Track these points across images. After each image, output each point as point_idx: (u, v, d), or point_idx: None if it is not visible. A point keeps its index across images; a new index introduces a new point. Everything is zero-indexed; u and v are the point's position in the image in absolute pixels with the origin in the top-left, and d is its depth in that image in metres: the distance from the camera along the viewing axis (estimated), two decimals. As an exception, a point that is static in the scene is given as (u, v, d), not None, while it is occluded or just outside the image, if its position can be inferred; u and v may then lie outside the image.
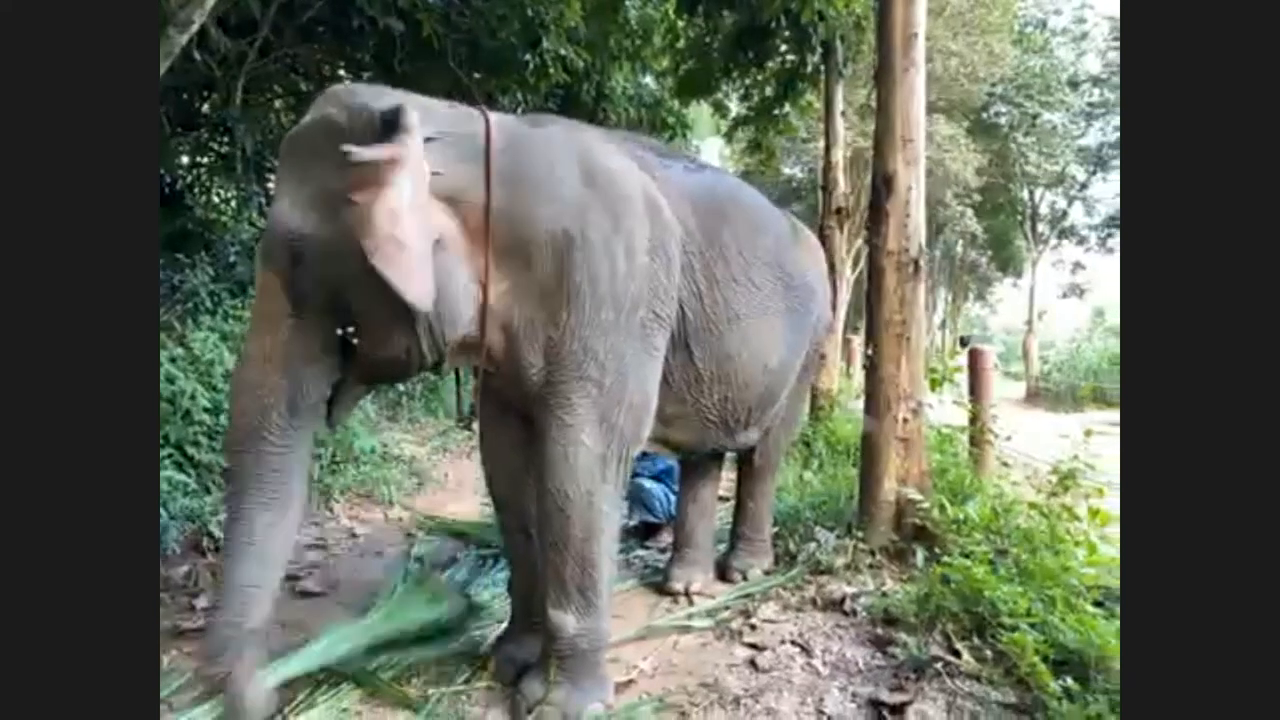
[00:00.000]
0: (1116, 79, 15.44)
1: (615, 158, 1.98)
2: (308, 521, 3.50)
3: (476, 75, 5.89)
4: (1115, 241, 18.18)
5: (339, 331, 1.65)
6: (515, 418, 1.99)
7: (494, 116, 1.80)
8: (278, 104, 6.34)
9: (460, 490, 4.43)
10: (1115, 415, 9.17)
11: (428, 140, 1.61)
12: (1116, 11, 15.39)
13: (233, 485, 1.65)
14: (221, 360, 3.43)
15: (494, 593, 2.60)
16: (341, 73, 6.12)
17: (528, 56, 5.37)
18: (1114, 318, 18.94)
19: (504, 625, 2.23)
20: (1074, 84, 15.62)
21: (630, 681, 2.07)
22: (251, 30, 4.70)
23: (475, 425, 2.09)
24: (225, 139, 5.31)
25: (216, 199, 5.50)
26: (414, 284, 1.52)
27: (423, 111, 1.63)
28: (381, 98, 1.64)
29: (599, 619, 1.86)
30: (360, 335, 1.65)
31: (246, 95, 5.12)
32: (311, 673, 1.94)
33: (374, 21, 4.81)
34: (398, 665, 2.05)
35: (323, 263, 1.58)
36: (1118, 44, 15.42)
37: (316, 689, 1.91)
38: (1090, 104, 16.07)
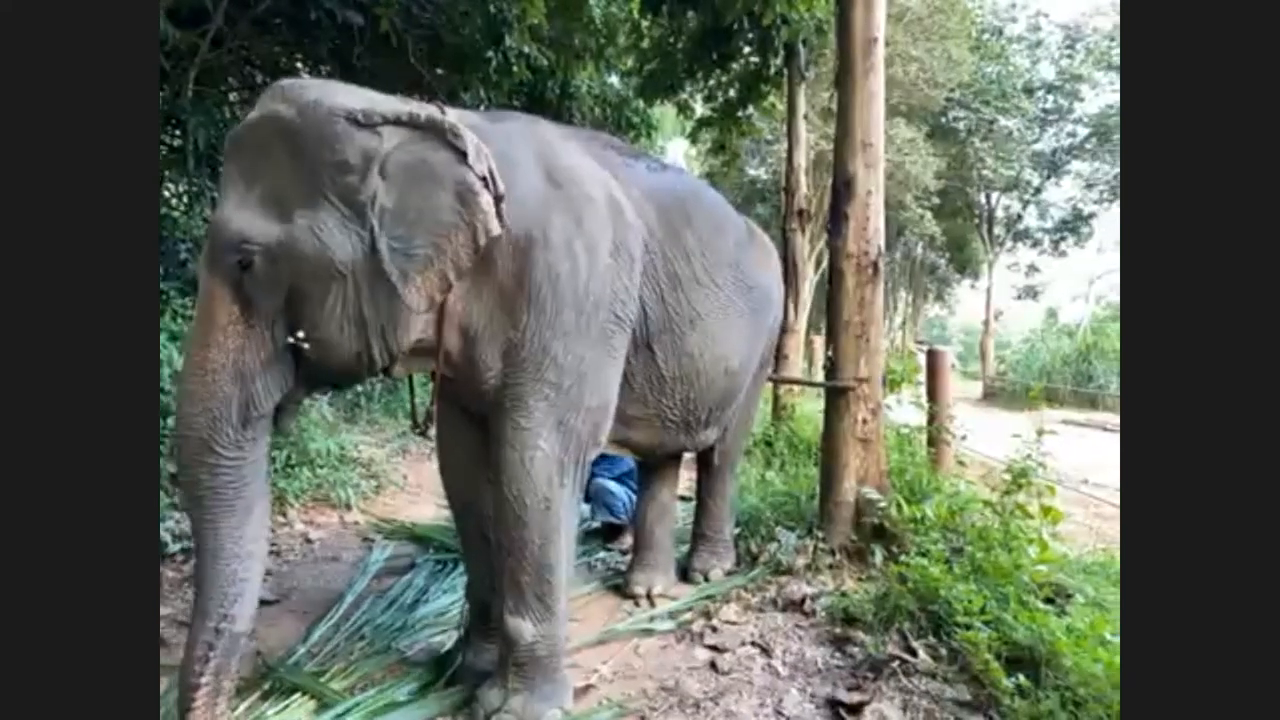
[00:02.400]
0: (1069, 86, 15.90)
1: (577, 156, 1.96)
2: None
3: (439, 71, 5.79)
4: (1067, 244, 18.75)
5: (290, 339, 1.57)
6: (472, 421, 1.96)
7: (451, 112, 1.75)
8: (232, 97, 6.16)
9: (420, 493, 4.35)
10: (1067, 414, 9.44)
11: None
12: (1069, 20, 15.85)
13: (189, 498, 1.58)
14: (170, 361, 3.30)
15: (452, 598, 2.56)
16: (299, 66, 5.96)
17: (490, 53, 5.30)
18: (1066, 318, 19.51)
19: (461, 631, 2.19)
20: (1029, 90, 16.02)
21: (589, 686, 2.05)
22: (203, 21, 4.56)
23: (432, 430, 2.04)
24: (176, 132, 5.14)
25: (167, 193, 5.32)
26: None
27: (374, 106, 1.59)
28: (333, 93, 1.57)
29: (556, 625, 1.84)
30: (309, 341, 1.58)
31: (198, 88, 4.93)
32: (260, 683, 1.90)
33: (332, 14, 4.70)
34: (351, 674, 2.01)
35: (274, 266, 1.51)
36: (1070, 52, 15.88)
37: (265, 700, 1.86)
38: (1044, 110, 16.52)
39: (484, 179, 1.57)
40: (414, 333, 1.68)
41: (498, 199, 1.59)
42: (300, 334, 1.55)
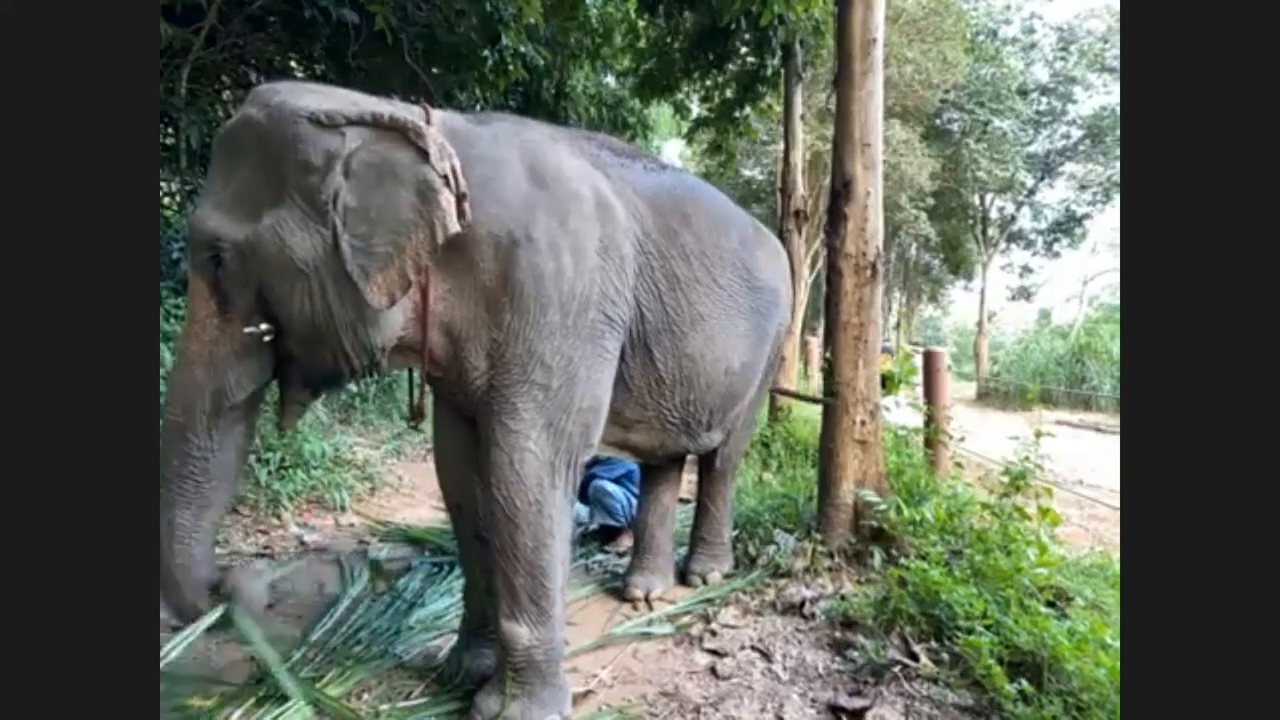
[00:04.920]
0: (1063, 88, 15.96)
1: (565, 156, 1.95)
2: (254, 529, 3.38)
3: (434, 71, 5.76)
4: (1061, 246, 18.82)
5: (252, 330, 1.62)
6: (466, 421, 1.94)
7: (436, 113, 1.75)
8: (225, 95, 6.11)
9: (415, 495, 4.33)
10: (1061, 415, 9.46)
11: None
12: (1063, 22, 15.90)
13: (161, 482, 1.63)
14: (163, 361, 3.28)
15: (449, 601, 2.54)
16: (293, 64, 5.93)
17: (486, 52, 5.28)
18: (1059, 319, 19.59)
19: (459, 635, 2.17)
20: (1023, 92, 16.07)
21: (589, 692, 2.03)
22: (197, 18, 4.52)
23: (425, 425, 2.05)
24: (169, 130, 5.10)
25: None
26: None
27: (338, 107, 1.59)
28: (299, 95, 1.60)
29: (553, 629, 1.82)
30: (287, 338, 1.63)
31: (192, 86, 4.90)
32: (254, 688, 1.87)
33: (327, 12, 4.67)
34: (347, 680, 1.98)
35: (243, 264, 1.57)
36: (1064, 54, 15.94)
37: (260, 705, 1.83)
38: (1038, 112, 16.58)
39: (445, 177, 1.58)
40: (392, 331, 1.70)
41: (459, 197, 1.60)
42: (264, 326, 1.61)
